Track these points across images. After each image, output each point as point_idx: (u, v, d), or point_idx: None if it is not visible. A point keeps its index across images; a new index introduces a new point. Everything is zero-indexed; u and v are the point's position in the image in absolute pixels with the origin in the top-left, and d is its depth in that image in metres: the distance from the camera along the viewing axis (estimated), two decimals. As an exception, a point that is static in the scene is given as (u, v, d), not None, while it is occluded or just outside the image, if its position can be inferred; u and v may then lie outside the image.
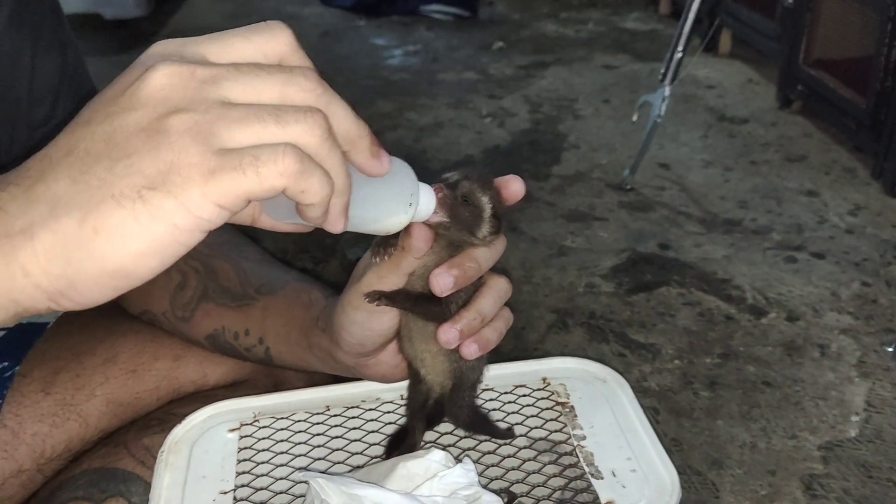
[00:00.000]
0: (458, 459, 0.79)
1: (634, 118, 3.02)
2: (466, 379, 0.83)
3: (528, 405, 0.91)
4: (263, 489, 0.81)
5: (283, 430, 0.89)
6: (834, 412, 1.94)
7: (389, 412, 0.91)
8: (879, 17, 2.81)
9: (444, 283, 0.74)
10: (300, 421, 0.90)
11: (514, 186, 0.77)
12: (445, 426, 0.88)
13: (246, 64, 0.54)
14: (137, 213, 0.50)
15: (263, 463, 0.84)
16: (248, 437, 0.88)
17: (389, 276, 0.76)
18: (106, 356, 1.09)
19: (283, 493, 0.80)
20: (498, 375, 0.94)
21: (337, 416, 0.91)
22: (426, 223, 0.72)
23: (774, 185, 3.03)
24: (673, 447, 1.84)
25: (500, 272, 0.81)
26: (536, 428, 0.87)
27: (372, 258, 0.77)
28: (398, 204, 0.66)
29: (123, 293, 0.54)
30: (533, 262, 2.59)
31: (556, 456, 0.83)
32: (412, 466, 0.76)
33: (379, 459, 0.84)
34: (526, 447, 0.85)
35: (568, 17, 5.19)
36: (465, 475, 0.75)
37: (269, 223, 0.65)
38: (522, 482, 0.80)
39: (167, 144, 0.50)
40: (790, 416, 1.94)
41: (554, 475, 0.80)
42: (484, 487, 0.76)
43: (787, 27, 3.43)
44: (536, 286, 2.47)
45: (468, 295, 0.78)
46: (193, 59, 0.54)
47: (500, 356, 0.87)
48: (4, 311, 0.53)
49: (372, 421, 0.90)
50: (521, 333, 2.24)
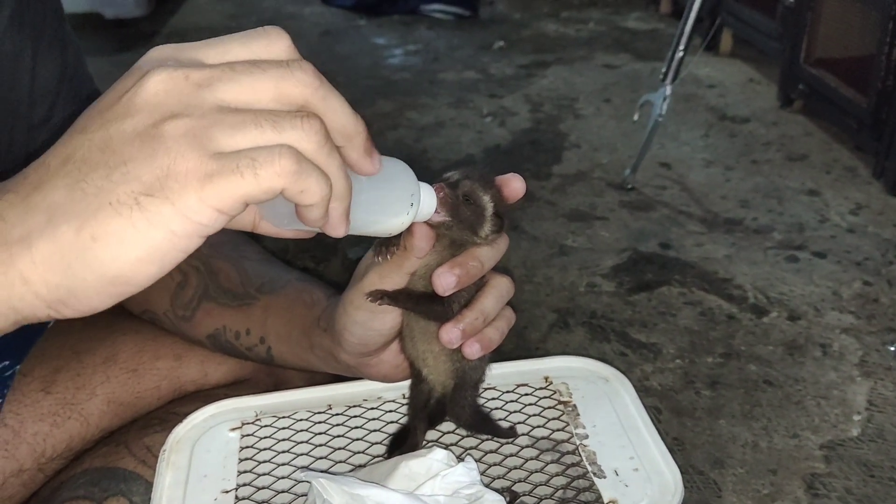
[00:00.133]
0: (460, 458, 0.79)
1: (635, 117, 3.02)
2: (468, 379, 0.83)
3: (530, 404, 0.91)
4: (265, 488, 0.81)
5: (284, 429, 0.89)
6: (836, 411, 1.94)
7: (391, 411, 0.91)
8: (880, 16, 2.81)
9: (446, 282, 0.74)
10: (302, 420, 0.90)
11: (514, 185, 0.77)
12: (447, 425, 0.87)
13: (241, 62, 0.54)
14: (135, 220, 0.50)
15: (265, 462, 0.84)
16: (249, 436, 0.88)
17: (391, 275, 0.76)
18: (107, 355, 1.09)
19: (284, 492, 0.80)
20: (500, 374, 0.94)
21: (339, 415, 0.91)
22: (428, 223, 0.72)
23: (776, 184, 3.02)
24: (675, 446, 1.84)
25: (502, 271, 0.81)
26: (539, 427, 0.87)
27: (374, 258, 0.77)
28: (399, 205, 0.66)
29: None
30: (534, 261, 2.59)
31: (558, 455, 0.83)
32: (414, 466, 0.76)
33: (381, 458, 0.84)
34: (528, 446, 0.84)
35: (569, 16, 5.19)
36: (467, 474, 0.75)
37: (269, 229, 0.64)
38: (525, 481, 0.80)
39: (163, 150, 0.50)
40: (792, 415, 1.93)
41: (556, 474, 0.80)
42: (486, 486, 0.75)
43: (788, 26, 3.43)
44: (538, 285, 2.47)
45: (470, 294, 0.78)
46: (190, 63, 0.54)
47: (501, 355, 0.87)
48: (4, 318, 0.53)
49: (374, 420, 0.90)
50: (522, 333, 2.24)
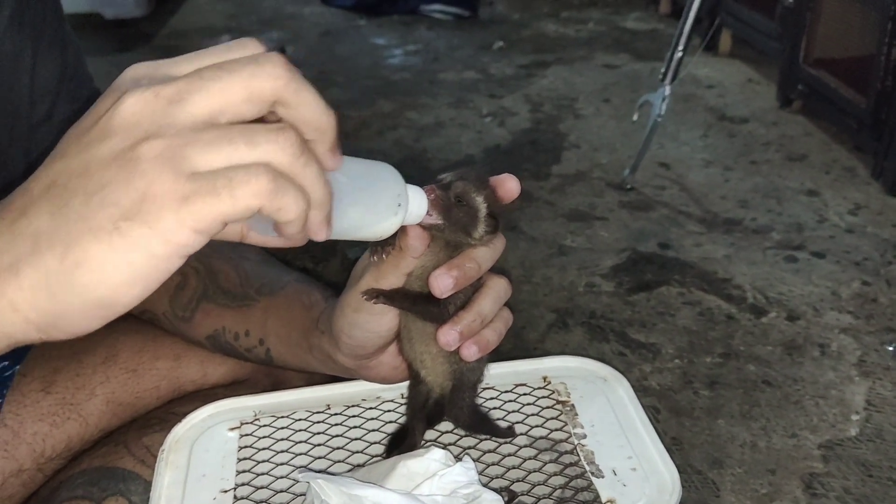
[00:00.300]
0: (458, 458, 0.79)
1: (635, 118, 3.02)
2: (466, 380, 0.83)
3: (528, 404, 0.91)
4: (264, 488, 0.81)
5: (283, 428, 0.89)
6: (834, 411, 1.94)
7: (390, 411, 0.91)
8: (880, 16, 2.81)
9: (443, 284, 0.74)
10: (300, 420, 0.90)
11: (509, 185, 0.76)
12: (446, 425, 0.87)
13: (208, 67, 0.54)
14: (115, 245, 0.50)
15: (264, 462, 0.84)
16: (248, 435, 0.88)
17: (388, 276, 0.76)
18: (106, 355, 1.09)
19: (283, 491, 0.80)
20: (498, 374, 0.94)
21: (337, 414, 0.91)
22: (420, 225, 0.71)
23: (775, 184, 3.02)
24: (673, 446, 1.84)
25: (499, 272, 0.81)
26: (537, 426, 0.87)
27: (370, 258, 0.77)
28: (385, 209, 0.66)
29: None
30: (533, 261, 2.59)
31: (556, 454, 0.83)
32: (412, 465, 0.76)
33: (379, 458, 0.84)
34: (526, 446, 0.85)
35: (568, 16, 5.19)
36: (465, 474, 0.75)
37: (258, 239, 0.64)
38: (523, 481, 0.80)
39: (139, 173, 0.50)
40: (790, 415, 1.94)
41: (554, 474, 0.80)
42: (484, 486, 0.76)
43: (787, 26, 3.43)
44: (536, 285, 2.47)
45: (467, 295, 0.78)
46: (162, 80, 0.54)
47: (500, 355, 0.87)
48: None
49: (372, 420, 0.90)
50: (521, 333, 2.24)
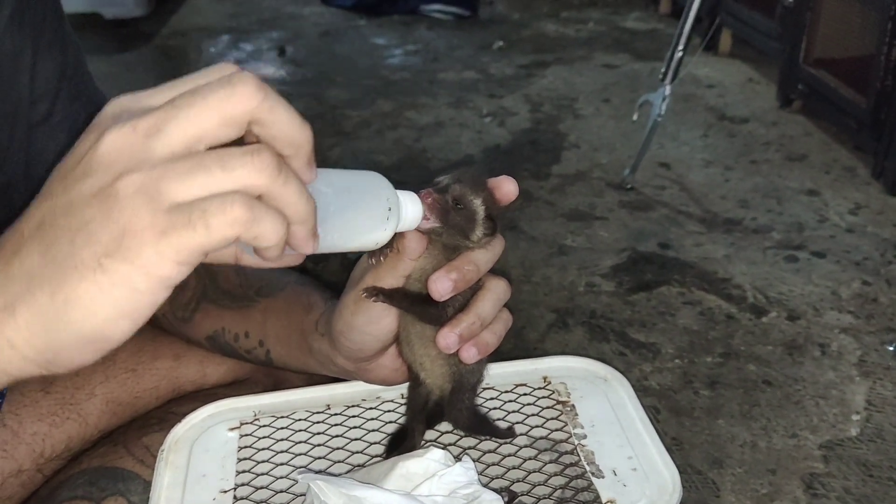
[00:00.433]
0: (457, 458, 0.79)
1: (635, 117, 3.02)
2: (466, 382, 0.83)
3: (528, 404, 0.91)
4: (263, 488, 0.81)
5: (283, 429, 0.89)
6: (834, 411, 1.94)
7: (390, 411, 0.91)
8: (880, 16, 2.81)
9: (443, 287, 0.73)
10: (300, 420, 0.90)
11: (507, 187, 0.76)
12: (446, 425, 0.87)
13: (181, 95, 0.54)
14: (99, 282, 0.51)
15: (263, 462, 0.84)
16: (248, 436, 0.88)
17: (386, 278, 0.76)
18: (105, 355, 1.08)
19: (283, 491, 0.80)
20: (498, 374, 0.94)
21: (337, 414, 0.91)
22: (418, 230, 0.71)
23: (775, 184, 3.02)
24: (674, 446, 1.84)
25: (498, 273, 0.81)
26: (537, 427, 0.87)
27: (368, 260, 0.77)
28: (375, 218, 0.65)
29: None
30: (533, 261, 2.59)
31: (556, 455, 0.83)
32: (412, 466, 0.76)
33: (379, 459, 0.84)
34: (526, 446, 0.84)
35: (568, 16, 5.19)
36: (464, 474, 0.75)
37: (252, 261, 0.64)
38: (523, 481, 0.79)
39: (118, 209, 0.51)
40: (791, 415, 1.94)
41: (555, 474, 0.80)
42: (484, 486, 0.75)
43: (787, 26, 3.43)
44: (536, 285, 2.47)
45: (466, 297, 0.77)
46: (140, 112, 0.54)
47: (500, 355, 0.86)
48: None
49: (372, 420, 0.90)
50: (521, 333, 2.24)
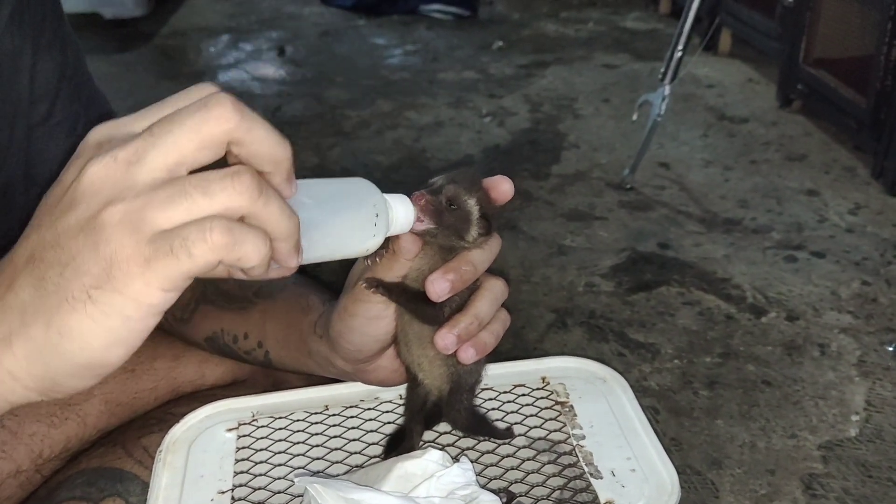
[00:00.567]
0: (456, 459, 0.79)
1: (634, 117, 3.02)
2: (464, 382, 0.83)
3: (527, 405, 0.91)
4: (261, 489, 0.81)
5: (281, 429, 0.89)
6: (834, 412, 1.94)
7: (388, 411, 0.91)
8: (880, 16, 2.81)
9: (440, 288, 0.73)
10: (298, 420, 0.90)
11: (502, 187, 0.76)
12: (444, 425, 0.87)
13: (159, 122, 0.54)
14: (91, 313, 0.53)
15: (261, 462, 0.84)
16: (246, 436, 0.88)
17: (383, 279, 0.76)
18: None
19: (280, 492, 0.80)
20: (497, 375, 0.94)
21: (335, 415, 0.91)
22: (412, 232, 0.71)
23: (774, 184, 3.02)
24: (672, 447, 1.84)
25: (497, 273, 0.81)
26: (535, 427, 0.87)
27: (365, 262, 0.77)
28: (362, 224, 0.64)
29: None
30: (532, 261, 2.59)
31: (555, 455, 0.83)
32: (410, 467, 0.76)
33: (378, 459, 0.84)
34: (525, 447, 0.84)
35: (568, 16, 5.19)
36: (462, 475, 0.75)
37: (242, 275, 0.63)
38: (521, 482, 0.79)
39: (104, 240, 0.52)
40: (790, 415, 1.94)
41: (553, 475, 0.80)
42: (482, 487, 0.75)
43: (787, 26, 3.43)
44: (536, 285, 2.47)
45: (463, 298, 0.77)
46: (121, 140, 0.54)
47: (498, 356, 0.86)
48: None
49: (370, 420, 0.90)
50: (520, 333, 2.24)
